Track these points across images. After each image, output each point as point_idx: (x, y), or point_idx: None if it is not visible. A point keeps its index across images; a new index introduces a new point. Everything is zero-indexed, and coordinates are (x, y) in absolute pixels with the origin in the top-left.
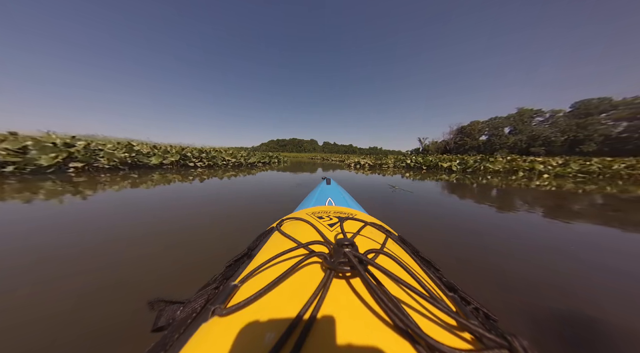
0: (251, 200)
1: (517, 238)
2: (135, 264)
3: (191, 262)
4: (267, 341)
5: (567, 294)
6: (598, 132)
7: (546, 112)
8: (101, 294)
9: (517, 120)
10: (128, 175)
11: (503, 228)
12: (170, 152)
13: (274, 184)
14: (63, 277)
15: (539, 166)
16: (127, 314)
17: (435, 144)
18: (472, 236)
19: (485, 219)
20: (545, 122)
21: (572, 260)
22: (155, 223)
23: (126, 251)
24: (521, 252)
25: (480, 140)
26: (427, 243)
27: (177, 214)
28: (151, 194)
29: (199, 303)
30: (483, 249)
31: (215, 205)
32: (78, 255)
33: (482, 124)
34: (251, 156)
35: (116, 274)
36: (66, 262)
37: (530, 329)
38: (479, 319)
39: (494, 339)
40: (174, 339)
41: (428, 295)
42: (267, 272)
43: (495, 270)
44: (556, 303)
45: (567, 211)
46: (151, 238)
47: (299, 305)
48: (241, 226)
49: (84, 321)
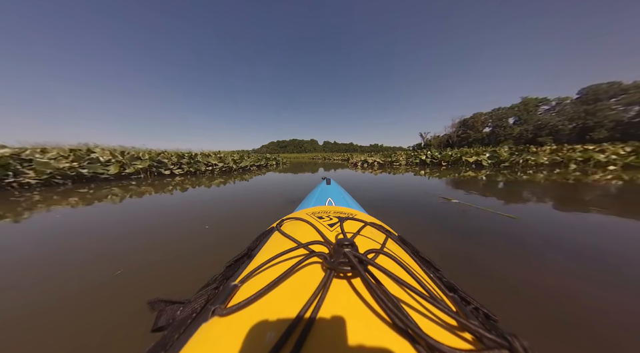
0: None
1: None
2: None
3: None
4: (267, 341)
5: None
6: (609, 118)
7: (552, 100)
8: None
9: (521, 110)
10: (68, 192)
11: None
12: (142, 158)
13: (269, 193)
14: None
15: (598, 156)
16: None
17: (437, 138)
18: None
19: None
20: (551, 111)
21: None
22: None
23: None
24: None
25: (483, 132)
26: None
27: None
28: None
29: (199, 303)
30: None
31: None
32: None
33: (485, 116)
34: (243, 159)
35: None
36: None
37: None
38: (479, 319)
39: (494, 339)
40: (174, 339)
41: (428, 295)
42: (267, 272)
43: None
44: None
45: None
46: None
47: (299, 305)
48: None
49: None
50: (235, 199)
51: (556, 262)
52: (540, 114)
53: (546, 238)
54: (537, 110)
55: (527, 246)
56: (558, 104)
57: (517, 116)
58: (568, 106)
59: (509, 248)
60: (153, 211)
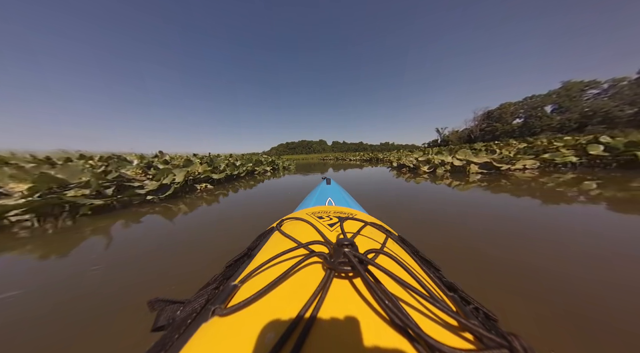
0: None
1: None
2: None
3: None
4: (267, 341)
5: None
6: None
7: (603, 83)
8: None
9: (562, 96)
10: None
11: None
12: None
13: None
14: None
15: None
16: None
17: (456, 133)
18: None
19: None
20: (603, 95)
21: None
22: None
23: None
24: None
25: (513, 124)
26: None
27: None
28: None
29: (199, 303)
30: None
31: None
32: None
33: (515, 106)
34: (217, 167)
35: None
36: None
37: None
38: (479, 319)
39: (494, 339)
40: (174, 339)
41: (428, 295)
42: (267, 272)
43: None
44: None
45: None
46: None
47: (299, 305)
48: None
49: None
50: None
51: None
52: (587, 100)
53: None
54: (581, 95)
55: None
56: (612, 87)
57: (555, 104)
58: (626, 87)
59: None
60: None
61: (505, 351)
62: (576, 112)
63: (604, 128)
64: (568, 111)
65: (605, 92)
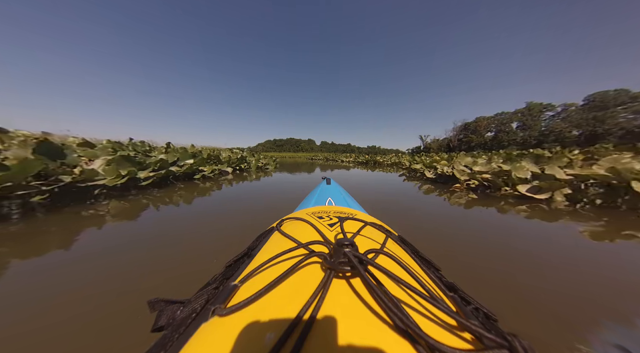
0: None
1: None
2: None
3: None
4: (267, 341)
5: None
6: (619, 126)
7: (557, 106)
8: None
9: (525, 115)
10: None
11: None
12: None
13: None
14: None
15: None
16: None
17: (437, 141)
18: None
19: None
20: (557, 117)
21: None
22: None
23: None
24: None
25: (486, 136)
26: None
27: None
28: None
29: (199, 303)
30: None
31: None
32: None
33: (488, 120)
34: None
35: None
36: None
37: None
38: (479, 319)
39: (494, 339)
40: (174, 339)
41: (428, 295)
42: (267, 272)
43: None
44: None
45: None
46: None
47: (299, 305)
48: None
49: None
50: None
51: None
52: (545, 120)
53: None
54: (540, 116)
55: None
56: (564, 110)
57: (520, 121)
58: (574, 112)
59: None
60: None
61: (504, 351)
62: (536, 130)
63: (557, 145)
64: (530, 129)
65: (558, 115)
